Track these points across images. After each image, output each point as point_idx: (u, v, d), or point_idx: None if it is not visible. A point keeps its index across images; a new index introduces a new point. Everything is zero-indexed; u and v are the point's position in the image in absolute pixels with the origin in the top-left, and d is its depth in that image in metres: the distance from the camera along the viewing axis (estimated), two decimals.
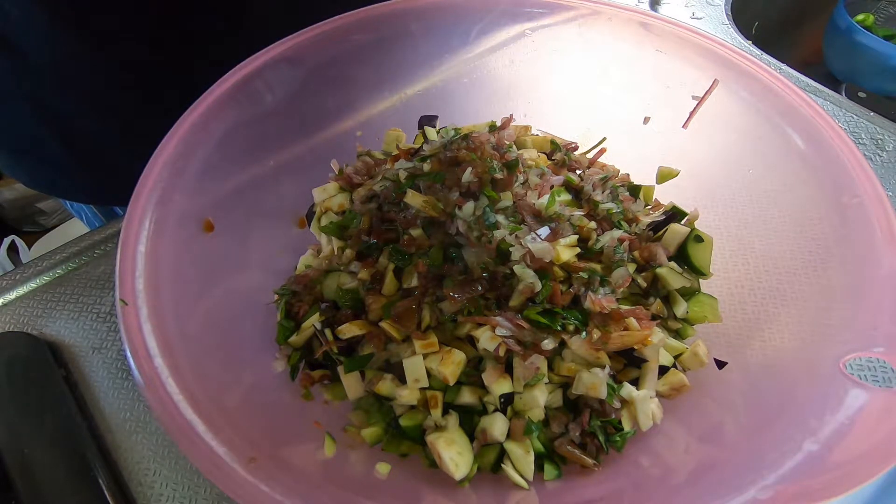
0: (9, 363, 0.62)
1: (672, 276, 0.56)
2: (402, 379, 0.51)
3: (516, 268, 0.50)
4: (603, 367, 0.50)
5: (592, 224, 0.57)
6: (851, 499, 0.50)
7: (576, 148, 0.70)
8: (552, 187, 0.58)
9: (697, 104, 0.63)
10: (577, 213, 0.56)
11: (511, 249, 0.50)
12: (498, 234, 0.51)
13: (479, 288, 0.51)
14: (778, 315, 0.54)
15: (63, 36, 0.67)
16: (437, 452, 0.48)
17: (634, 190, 0.65)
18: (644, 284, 0.57)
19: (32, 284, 0.72)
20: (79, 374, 0.64)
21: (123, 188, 0.52)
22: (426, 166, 0.56)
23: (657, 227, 0.60)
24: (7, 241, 1.81)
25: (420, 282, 0.52)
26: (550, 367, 0.51)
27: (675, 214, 0.61)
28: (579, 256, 0.54)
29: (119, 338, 0.50)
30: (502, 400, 0.49)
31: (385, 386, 0.51)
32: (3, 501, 0.53)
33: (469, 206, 0.52)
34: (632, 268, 0.56)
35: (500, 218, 0.52)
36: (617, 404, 0.50)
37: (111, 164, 0.80)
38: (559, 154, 0.67)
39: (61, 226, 2.06)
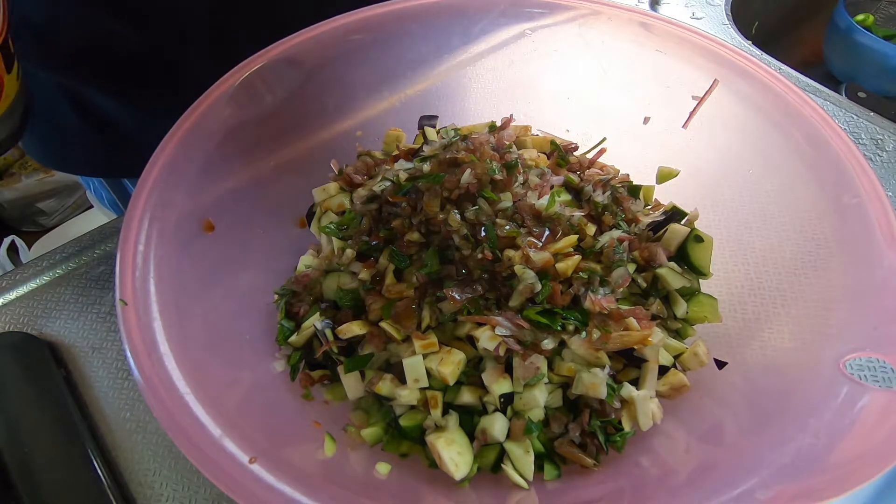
0: (9, 363, 0.62)
1: (672, 276, 0.56)
2: (402, 379, 0.51)
3: (516, 268, 0.50)
4: (603, 367, 0.50)
5: (592, 225, 0.57)
6: (851, 499, 0.50)
7: (576, 148, 0.70)
8: (552, 188, 0.58)
9: (697, 104, 0.63)
10: (578, 213, 0.56)
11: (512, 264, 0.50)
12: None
13: (479, 288, 0.51)
14: (778, 315, 0.54)
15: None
16: (437, 452, 0.48)
17: (634, 190, 0.65)
18: (644, 284, 0.57)
19: (32, 284, 0.72)
20: (79, 374, 0.64)
21: (134, 159, 0.52)
22: (426, 167, 0.56)
23: (657, 227, 0.60)
24: (7, 241, 1.81)
25: (420, 280, 0.52)
26: (550, 367, 0.51)
27: (675, 214, 0.60)
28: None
29: (119, 338, 0.50)
30: (502, 400, 0.49)
31: (385, 386, 0.51)
32: (3, 501, 0.53)
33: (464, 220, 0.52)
34: (632, 268, 0.56)
35: (500, 220, 0.52)
36: (617, 404, 0.50)
37: (124, 133, 0.81)
38: (559, 154, 0.67)
39: (61, 226, 2.06)
